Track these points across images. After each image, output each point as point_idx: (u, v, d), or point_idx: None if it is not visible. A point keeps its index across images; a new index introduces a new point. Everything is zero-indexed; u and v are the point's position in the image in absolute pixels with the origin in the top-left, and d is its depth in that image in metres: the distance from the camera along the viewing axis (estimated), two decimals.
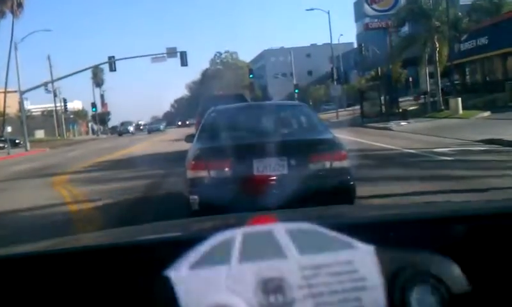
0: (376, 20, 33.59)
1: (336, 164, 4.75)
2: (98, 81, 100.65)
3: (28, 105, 61.72)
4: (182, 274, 0.91)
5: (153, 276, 0.93)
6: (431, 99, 29.91)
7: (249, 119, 5.80)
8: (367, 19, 36.08)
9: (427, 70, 29.90)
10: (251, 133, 5.32)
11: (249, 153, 4.73)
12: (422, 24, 28.07)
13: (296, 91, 50.96)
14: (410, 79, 31.07)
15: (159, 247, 1.17)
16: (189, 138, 6.69)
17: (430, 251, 1.00)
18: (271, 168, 4.67)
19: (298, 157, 4.73)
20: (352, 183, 4.80)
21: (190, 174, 4.82)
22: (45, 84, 41.32)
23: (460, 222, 1.25)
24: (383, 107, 28.78)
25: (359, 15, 67.79)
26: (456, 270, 0.98)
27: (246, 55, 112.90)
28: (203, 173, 4.73)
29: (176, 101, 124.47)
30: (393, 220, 1.38)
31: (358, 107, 34.66)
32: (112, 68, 34.02)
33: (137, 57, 38.14)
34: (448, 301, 0.95)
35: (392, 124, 23.78)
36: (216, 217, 1.99)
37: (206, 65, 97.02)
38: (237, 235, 0.95)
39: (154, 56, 34.96)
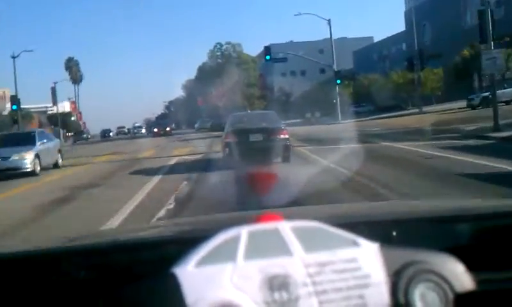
0: None
1: (282, 136, 12.36)
2: (74, 77, 78.60)
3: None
4: (188, 271, 0.93)
5: (159, 273, 0.95)
6: None
7: (248, 118, 14.89)
8: None
9: None
10: (249, 124, 13.30)
11: (248, 132, 12.43)
12: None
13: (338, 81, 38.83)
14: None
15: (165, 245, 1.19)
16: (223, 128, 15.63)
17: (434, 249, 1.02)
18: (256, 137, 12.23)
19: (267, 133, 12.33)
20: (289, 143, 12.63)
21: (225, 140, 12.70)
22: None
23: (465, 221, 1.24)
24: None
25: None
26: (460, 269, 1.00)
27: (250, 50, 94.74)
28: (230, 139, 12.32)
29: (171, 102, 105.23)
30: (397, 218, 1.36)
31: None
32: None
33: None
34: (452, 299, 0.96)
35: None
36: (222, 215, 2.17)
37: (204, 59, 77.36)
38: (243, 232, 0.96)
39: None
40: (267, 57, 39.98)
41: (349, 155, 12.12)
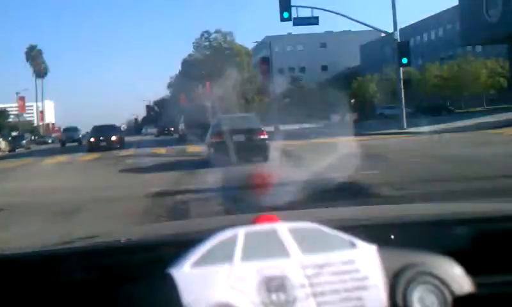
0: None
1: (261, 136, 13.63)
2: (37, 68, 66.23)
3: None
4: (184, 272, 0.93)
5: (156, 274, 0.95)
6: None
7: (232, 120, 14.83)
8: None
9: None
10: (232, 125, 13.74)
11: (232, 132, 12.93)
12: None
13: (405, 60, 24.40)
14: None
15: (162, 246, 1.18)
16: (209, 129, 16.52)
17: (432, 251, 1.02)
18: (239, 138, 13.10)
19: (248, 134, 13.55)
20: (267, 142, 13.73)
21: (210, 140, 13.86)
22: None
23: (463, 224, 1.24)
24: None
25: None
26: (458, 271, 1.00)
27: (244, 42, 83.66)
28: (215, 140, 13.44)
29: (156, 103, 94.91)
30: (396, 221, 1.35)
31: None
32: None
33: None
34: (450, 302, 0.96)
35: None
36: (219, 217, 2.04)
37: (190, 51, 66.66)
38: (240, 233, 0.96)
39: None
40: (285, 15, 24.18)
41: None
